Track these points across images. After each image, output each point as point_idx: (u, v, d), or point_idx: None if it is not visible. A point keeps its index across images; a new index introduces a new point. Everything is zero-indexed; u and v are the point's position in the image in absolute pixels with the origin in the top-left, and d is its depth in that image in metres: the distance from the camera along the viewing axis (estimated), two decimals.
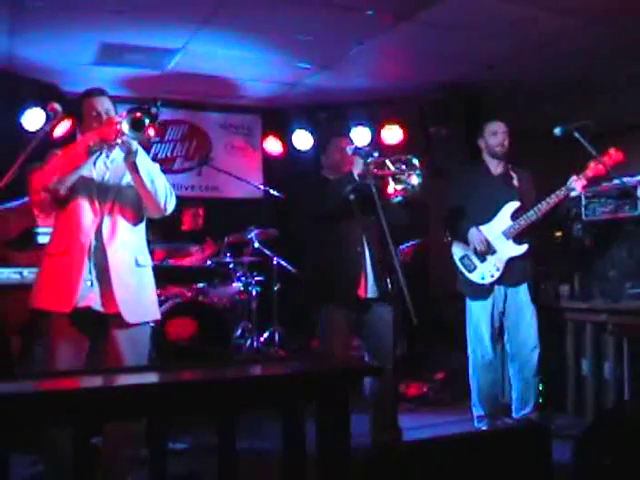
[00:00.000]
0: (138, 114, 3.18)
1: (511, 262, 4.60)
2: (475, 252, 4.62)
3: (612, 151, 4.42)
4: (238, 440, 2.36)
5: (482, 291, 4.63)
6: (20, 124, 6.17)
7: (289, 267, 6.74)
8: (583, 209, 5.20)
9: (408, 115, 7.21)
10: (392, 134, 7.21)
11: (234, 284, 6.60)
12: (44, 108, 5.77)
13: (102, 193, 3.36)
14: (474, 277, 4.63)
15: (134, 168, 3.29)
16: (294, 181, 7.25)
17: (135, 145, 3.25)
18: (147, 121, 3.18)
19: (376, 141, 7.12)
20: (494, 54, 5.82)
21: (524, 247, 4.60)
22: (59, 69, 6.23)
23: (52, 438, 3.16)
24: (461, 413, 5.24)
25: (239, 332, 6.63)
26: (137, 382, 2.53)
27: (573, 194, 4.52)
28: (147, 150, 3.40)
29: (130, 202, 3.42)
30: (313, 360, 3.12)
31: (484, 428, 4.63)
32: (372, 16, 5.05)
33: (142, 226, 3.52)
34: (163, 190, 3.40)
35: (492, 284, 4.61)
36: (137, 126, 3.17)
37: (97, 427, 2.79)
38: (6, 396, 2.15)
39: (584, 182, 4.48)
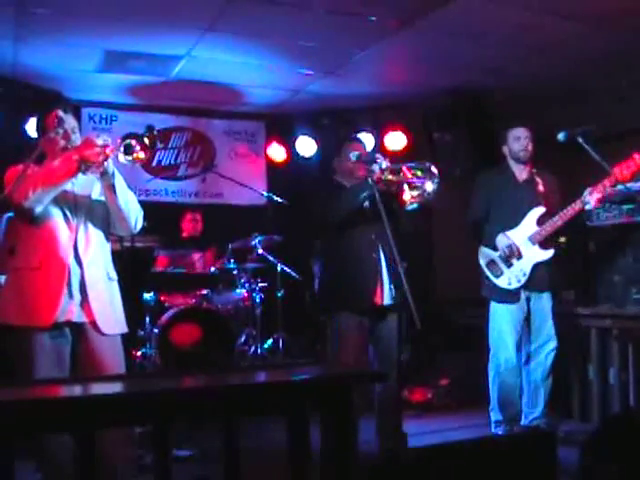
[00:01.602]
0: (132, 142, 3.26)
1: (537, 267, 4.59)
2: (502, 257, 4.61)
3: (637, 155, 4.38)
4: (243, 444, 2.35)
5: (509, 295, 4.62)
6: (24, 131, 6.18)
7: (293, 273, 6.74)
8: (587, 214, 5.19)
9: (412, 120, 7.22)
10: (396, 139, 7.20)
11: (238, 290, 6.61)
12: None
13: (74, 209, 3.37)
14: (501, 282, 4.61)
15: (112, 189, 3.33)
16: (298, 187, 7.26)
17: (112, 167, 3.28)
18: (138, 147, 3.27)
19: (380, 147, 7.12)
20: (498, 59, 5.82)
21: (550, 252, 4.61)
22: (63, 76, 6.24)
23: (48, 445, 3.16)
24: (466, 419, 5.24)
25: (243, 338, 6.63)
26: (142, 388, 2.53)
27: (587, 207, 4.52)
28: (151, 157, 3.43)
29: (100, 218, 3.45)
30: (317, 366, 3.11)
31: (500, 433, 4.61)
32: (375, 22, 5.06)
33: (109, 241, 3.56)
34: (135, 209, 3.47)
35: (518, 289, 4.60)
36: (129, 152, 3.27)
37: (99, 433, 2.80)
38: (12, 403, 2.15)
39: (599, 195, 4.44)
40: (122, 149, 3.25)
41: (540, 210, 4.65)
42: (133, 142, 3.26)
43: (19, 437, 2.16)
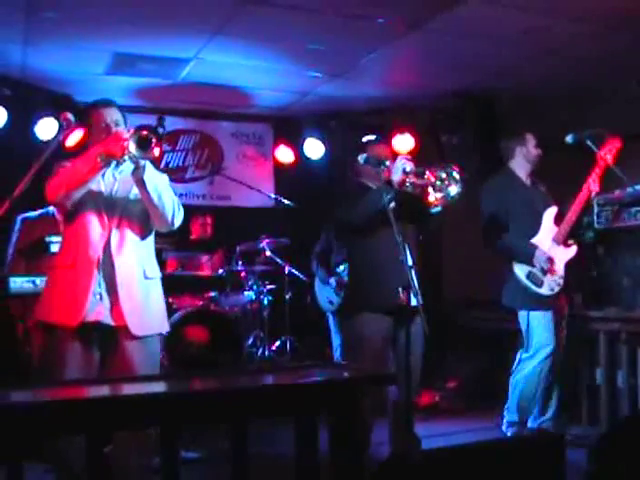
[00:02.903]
0: (144, 132, 3.17)
1: (566, 267, 4.61)
2: (540, 269, 4.59)
3: (609, 140, 4.43)
4: (250, 447, 2.35)
5: (550, 302, 4.60)
6: (34, 134, 6.20)
7: (301, 275, 6.74)
8: (595, 217, 5.18)
9: (420, 123, 7.21)
10: (404, 142, 7.19)
11: (246, 293, 6.62)
12: (57, 118, 5.81)
13: (110, 206, 3.33)
14: (544, 291, 4.58)
15: (141, 184, 3.26)
16: (306, 190, 7.27)
17: (142, 161, 3.22)
18: (153, 140, 3.17)
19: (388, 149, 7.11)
20: (506, 61, 5.81)
21: (574, 248, 4.64)
22: (72, 79, 6.26)
23: (62, 447, 3.16)
24: (474, 422, 5.22)
25: (251, 341, 6.64)
26: (150, 391, 2.54)
27: (593, 193, 4.54)
28: (159, 160, 3.38)
29: (138, 215, 3.39)
30: (326, 368, 3.11)
31: (510, 434, 4.60)
32: (384, 24, 5.06)
33: (150, 238, 3.49)
34: (170, 205, 3.37)
35: (559, 292, 4.61)
36: (143, 145, 3.16)
37: (108, 435, 2.80)
38: (18, 405, 2.16)
39: (596, 181, 4.49)
40: (135, 139, 3.15)
41: (554, 210, 4.67)
42: (145, 133, 3.17)
43: (27, 439, 2.16)
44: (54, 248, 4.53)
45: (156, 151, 3.20)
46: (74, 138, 5.97)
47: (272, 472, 3.59)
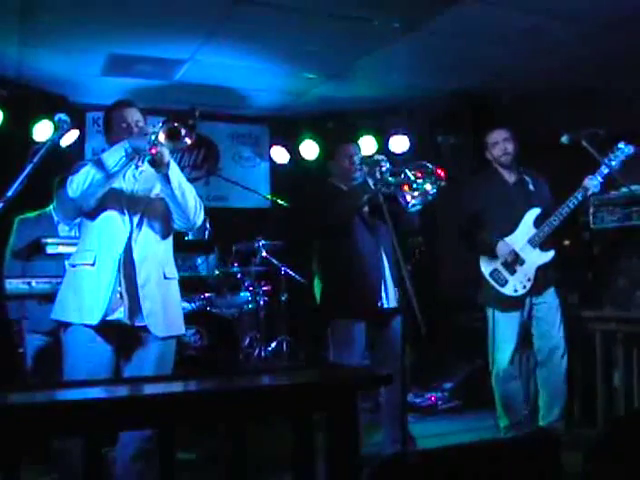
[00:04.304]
0: (175, 124, 3.15)
1: (539, 270, 4.57)
2: (504, 265, 4.57)
3: (622, 145, 4.41)
4: (248, 447, 2.35)
5: (513, 303, 4.58)
6: (29, 135, 6.19)
7: (297, 277, 6.74)
8: (591, 217, 5.18)
9: (416, 123, 7.21)
10: (400, 143, 7.19)
11: (242, 294, 6.61)
12: (52, 119, 5.80)
13: (132, 205, 3.31)
14: (507, 290, 4.56)
15: (166, 180, 3.25)
16: (302, 191, 7.27)
17: (167, 156, 3.21)
18: (183, 131, 3.15)
19: (384, 150, 7.11)
20: (502, 62, 5.82)
21: (551, 253, 4.58)
22: (68, 80, 6.25)
23: (64, 448, 3.15)
24: (470, 422, 5.22)
25: (247, 342, 6.62)
26: (148, 392, 2.53)
27: (590, 192, 4.47)
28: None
29: (159, 214, 3.38)
30: (323, 370, 3.11)
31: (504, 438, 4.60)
32: (379, 26, 5.06)
33: (170, 239, 3.49)
34: (193, 202, 3.39)
35: (524, 295, 4.57)
36: (173, 135, 3.14)
37: (111, 437, 2.81)
38: (16, 406, 2.16)
39: (599, 180, 4.43)
40: (165, 130, 3.12)
41: (536, 212, 4.61)
42: (175, 124, 3.14)
43: (27, 439, 2.15)
44: (50, 249, 4.51)
45: (187, 141, 3.18)
46: (68, 139, 5.99)
47: (270, 472, 3.60)
